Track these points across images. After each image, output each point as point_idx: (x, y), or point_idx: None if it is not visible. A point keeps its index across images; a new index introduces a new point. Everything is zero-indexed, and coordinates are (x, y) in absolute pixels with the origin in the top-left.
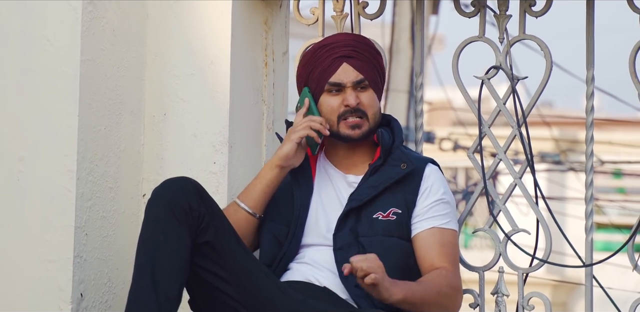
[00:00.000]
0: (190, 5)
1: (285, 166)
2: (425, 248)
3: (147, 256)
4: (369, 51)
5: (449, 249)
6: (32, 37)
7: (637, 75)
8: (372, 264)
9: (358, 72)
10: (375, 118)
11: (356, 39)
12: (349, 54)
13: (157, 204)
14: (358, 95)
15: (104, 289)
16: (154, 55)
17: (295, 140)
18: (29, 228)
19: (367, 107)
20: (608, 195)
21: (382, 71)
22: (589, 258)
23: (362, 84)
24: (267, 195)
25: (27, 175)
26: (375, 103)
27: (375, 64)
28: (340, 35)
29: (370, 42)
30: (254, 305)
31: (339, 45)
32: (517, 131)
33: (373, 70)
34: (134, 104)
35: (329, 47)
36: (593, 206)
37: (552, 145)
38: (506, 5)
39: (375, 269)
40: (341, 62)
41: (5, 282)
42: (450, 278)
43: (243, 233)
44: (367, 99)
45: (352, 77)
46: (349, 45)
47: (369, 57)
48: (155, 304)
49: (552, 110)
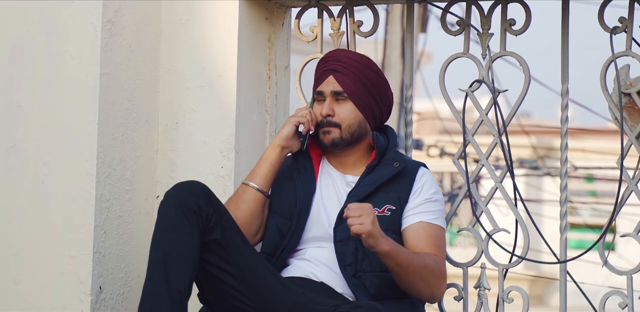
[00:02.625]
0: (200, 23)
1: (285, 147)
2: (415, 240)
3: (160, 252)
4: (357, 67)
5: (437, 241)
6: (56, 52)
7: (607, 89)
8: (364, 211)
9: (338, 84)
10: (350, 129)
11: (348, 55)
12: (335, 68)
13: (169, 205)
14: (334, 107)
15: (120, 282)
16: (167, 69)
17: (293, 123)
18: (53, 227)
19: (340, 119)
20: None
21: (373, 88)
22: (563, 255)
23: (340, 96)
24: (271, 173)
25: (51, 178)
26: (351, 114)
27: (363, 80)
28: (336, 51)
29: (365, 60)
30: (257, 297)
31: (330, 59)
32: (498, 139)
33: (358, 85)
34: (149, 114)
35: (324, 61)
36: (567, 208)
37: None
38: (488, 24)
39: (364, 218)
40: (328, 74)
41: (32, 276)
42: (438, 262)
43: (253, 210)
44: (343, 111)
45: (332, 87)
46: (338, 60)
47: (356, 73)
48: (168, 296)
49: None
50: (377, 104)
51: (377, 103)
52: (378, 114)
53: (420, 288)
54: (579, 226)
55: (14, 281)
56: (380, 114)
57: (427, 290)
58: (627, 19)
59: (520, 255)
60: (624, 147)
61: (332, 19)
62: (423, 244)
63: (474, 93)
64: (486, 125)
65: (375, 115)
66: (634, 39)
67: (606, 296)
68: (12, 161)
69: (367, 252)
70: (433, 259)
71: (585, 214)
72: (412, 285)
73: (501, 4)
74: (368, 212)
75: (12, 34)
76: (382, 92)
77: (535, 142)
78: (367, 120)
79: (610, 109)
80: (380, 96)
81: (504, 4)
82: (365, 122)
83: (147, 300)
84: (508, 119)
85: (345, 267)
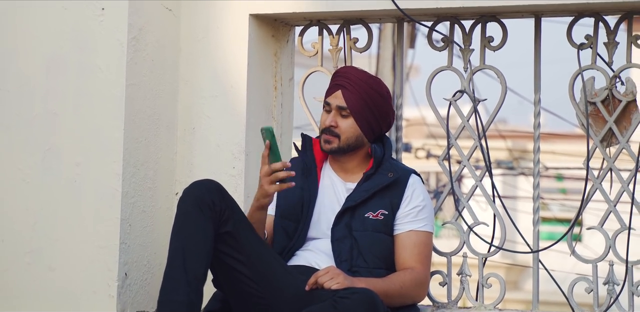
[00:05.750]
0: (214, 40)
1: (261, 207)
2: (402, 248)
3: (179, 243)
4: (363, 87)
5: (421, 248)
6: (87, 66)
7: (575, 98)
8: (332, 274)
9: (344, 100)
10: (348, 141)
11: (357, 75)
12: (343, 84)
13: (187, 201)
14: (338, 120)
15: (144, 269)
16: (185, 80)
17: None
18: (84, 220)
19: (341, 131)
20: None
21: (375, 107)
22: (535, 245)
23: (343, 112)
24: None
25: (83, 177)
26: (351, 129)
27: (367, 99)
28: (348, 68)
29: (371, 82)
30: (265, 283)
31: (342, 75)
32: (478, 143)
33: (361, 103)
34: (169, 120)
35: (336, 75)
36: (539, 203)
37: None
38: (469, 41)
39: (335, 279)
40: (337, 88)
41: (66, 264)
42: (415, 275)
43: None
44: (344, 125)
45: (338, 102)
46: (347, 78)
47: (361, 92)
48: (185, 281)
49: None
50: (376, 121)
51: (376, 120)
52: (377, 129)
53: (402, 302)
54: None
55: (50, 268)
56: (379, 129)
57: (409, 301)
58: (592, 36)
59: (497, 245)
60: (590, 150)
61: (331, 36)
62: (407, 254)
63: (456, 102)
64: (467, 130)
65: (373, 130)
66: (598, 55)
67: (574, 282)
68: (48, 162)
69: (361, 250)
70: (409, 273)
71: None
72: (395, 303)
73: (481, 23)
74: (336, 272)
75: (48, 50)
76: (383, 111)
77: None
78: (364, 135)
79: (577, 116)
80: (380, 114)
81: (483, 23)
82: (362, 136)
83: (167, 285)
84: (487, 125)
85: (341, 262)
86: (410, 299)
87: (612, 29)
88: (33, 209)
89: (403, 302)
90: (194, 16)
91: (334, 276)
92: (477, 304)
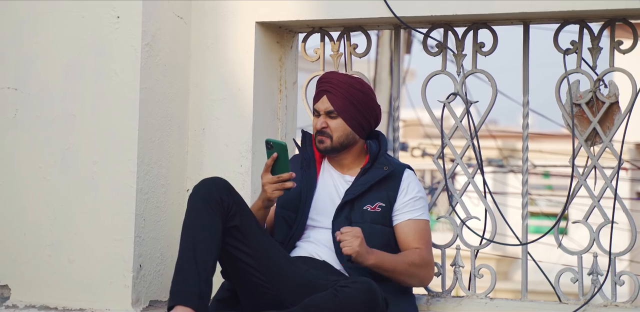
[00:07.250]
0: (223, 46)
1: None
2: (404, 235)
3: (190, 236)
4: (345, 88)
5: (422, 233)
6: (103, 70)
7: (561, 100)
8: (353, 236)
9: (330, 104)
10: (339, 139)
11: (338, 78)
12: (327, 89)
13: (197, 197)
14: (328, 121)
15: (157, 261)
16: (195, 84)
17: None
18: (101, 215)
19: (332, 131)
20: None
21: (359, 104)
22: (524, 238)
23: (332, 114)
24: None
25: (100, 175)
26: (341, 128)
27: (351, 99)
28: (329, 73)
29: (352, 81)
30: (270, 273)
31: (324, 81)
32: (470, 142)
33: (346, 104)
34: (180, 121)
35: (320, 81)
36: (527, 199)
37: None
38: (462, 46)
39: (352, 241)
40: (322, 94)
41: (84, 256)
42: (422, 253)
43: None
44: (334, 125)
45: (325, 107)
46: (330, 82)
47: (345, 94)
48: (196, 272)
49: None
50: (363, 117)
51: (363, 116)
52: (366, 125)
53: (410, 282)
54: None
55: (69, 260)
56: (368, 125)
57: (416, 281)
58: (578, 42)
59: (488, 238)
60: (575, 148)
61: (332, 43)
62: (410, 238)
63: (450, 104)
64: (460, 130)
65: (363, 126)
66: (583, 59)
67: (560, 273)
68: (67, 160)
69: None
70: (417, 253)
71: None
72: (402, 281)
73: (473, 30)
74: (357, 235)
75: (67, 55)
76: (367, 107)
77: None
78: (355, 132)
79: (563, 117)
80: (366, 110)
81: (475, 29)
82: (353, 133)
83: (179, 276)
84: (478, 126)
85: (341, 253)
86: (415, 279)
87: (596, 35)
88: (53, 205)
89: (408, 281)
90: (204, 24)
91: (353, 239)
92: (469, 293)
